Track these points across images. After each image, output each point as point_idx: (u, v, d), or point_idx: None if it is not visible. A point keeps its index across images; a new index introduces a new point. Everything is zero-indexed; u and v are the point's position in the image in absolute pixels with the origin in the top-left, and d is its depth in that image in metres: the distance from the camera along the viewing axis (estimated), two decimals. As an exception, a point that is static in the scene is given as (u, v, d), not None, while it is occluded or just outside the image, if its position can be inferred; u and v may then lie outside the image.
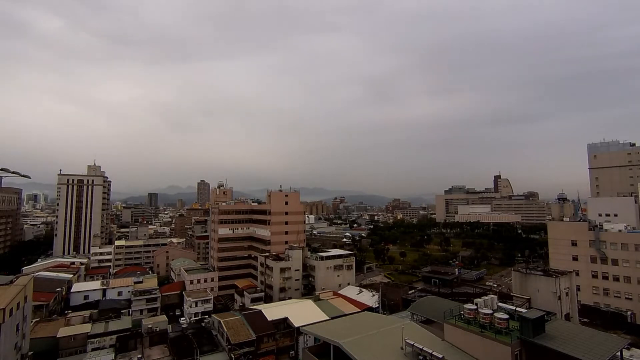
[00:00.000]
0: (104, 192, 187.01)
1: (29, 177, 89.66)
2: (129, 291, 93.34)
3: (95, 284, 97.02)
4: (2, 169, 77.02)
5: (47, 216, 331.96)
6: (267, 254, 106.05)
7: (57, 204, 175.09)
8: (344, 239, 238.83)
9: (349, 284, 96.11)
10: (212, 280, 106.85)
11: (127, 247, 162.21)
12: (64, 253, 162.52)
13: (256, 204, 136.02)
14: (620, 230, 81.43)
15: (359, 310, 70.89)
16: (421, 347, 34.41)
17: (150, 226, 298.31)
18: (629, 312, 75.68)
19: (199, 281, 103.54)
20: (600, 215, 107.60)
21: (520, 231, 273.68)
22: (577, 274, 73.42)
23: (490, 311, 37.77)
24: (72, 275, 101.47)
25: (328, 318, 63.72)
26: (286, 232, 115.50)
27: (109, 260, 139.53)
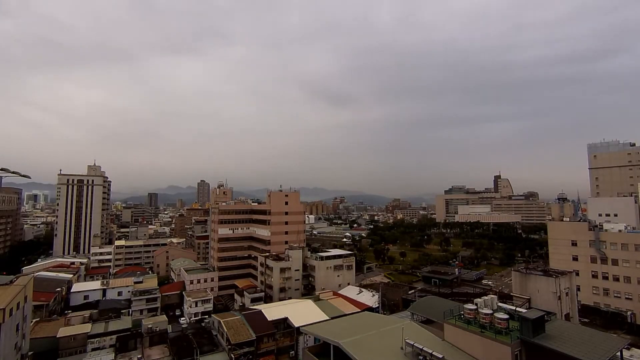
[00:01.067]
0: (104, 192, 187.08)
1: (29, 177, 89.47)
2: (129, 291, 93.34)
3: (95, 284, 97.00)
4: (2, 169, 76.94)
5: (47, 216, 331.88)
6: (267, 254, 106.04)
7: (57, 204, 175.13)
8: (344, 239, 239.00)
9: (349, 284, 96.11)
10: (212, 280, 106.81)
11: (127, 247, 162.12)
12: (64, 253, 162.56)
13: (256, 204, 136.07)
14: (620, 231, 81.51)
15: (359, 310, 70.90)
16: (421, 347, 34.40)
17: (150, 226, 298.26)
18: (629, 312, 75.77)
19: (199, 281, 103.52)
20: (600, 215, 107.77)
21: (520, 231, 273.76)
22: (577, 274, 73.48)
23: (490, 311, 37.76)
24: (72, 275, 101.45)
25: (328, 318, 63.72)
26: (286, 232, 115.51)
27: (109, 260, 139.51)
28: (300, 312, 70.01)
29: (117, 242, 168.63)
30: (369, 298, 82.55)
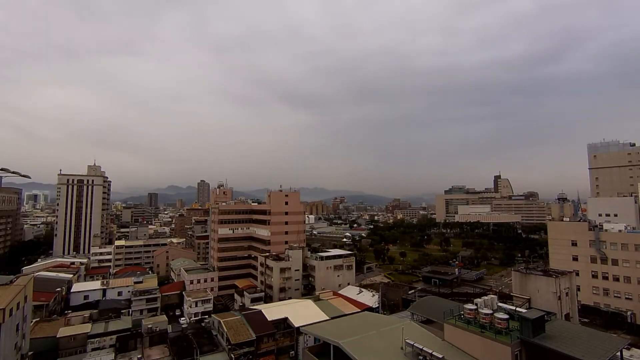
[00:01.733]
0: (104, 192, 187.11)
1: (29, 177, 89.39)
2: (129, 291, 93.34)
3: (95, 284, 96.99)
4: (2, 169, 76.87)
5: (47, 216, 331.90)
6: (267, 254, 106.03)
7: (57, 204, 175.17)
8: (344, 239, 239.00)
9: (349, 284, 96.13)
10: (212, 280, 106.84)
11: (127, 247, 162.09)
12: (64, 253, 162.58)
13: (256, 204, 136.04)
14: (620, 231, 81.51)
15: (359, 310, 70.89)
16: (421, 347, 34.40)
17: (150, 226, 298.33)
18: (629, 312, 75.78)
19: (199, 281, 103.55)
20: (600, 215, 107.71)
21: (520, 231, 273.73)
22: (577, 274, 73.36)
23: (490, 311, 37.76)
24: (72, 275, 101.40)
25: (328, 318, 63.74)
26: (286, 232, 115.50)
27: (109, 260, 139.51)
28: (300, 312, 70.01)
29: (117, 242, 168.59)
30: (369, 298, 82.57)
